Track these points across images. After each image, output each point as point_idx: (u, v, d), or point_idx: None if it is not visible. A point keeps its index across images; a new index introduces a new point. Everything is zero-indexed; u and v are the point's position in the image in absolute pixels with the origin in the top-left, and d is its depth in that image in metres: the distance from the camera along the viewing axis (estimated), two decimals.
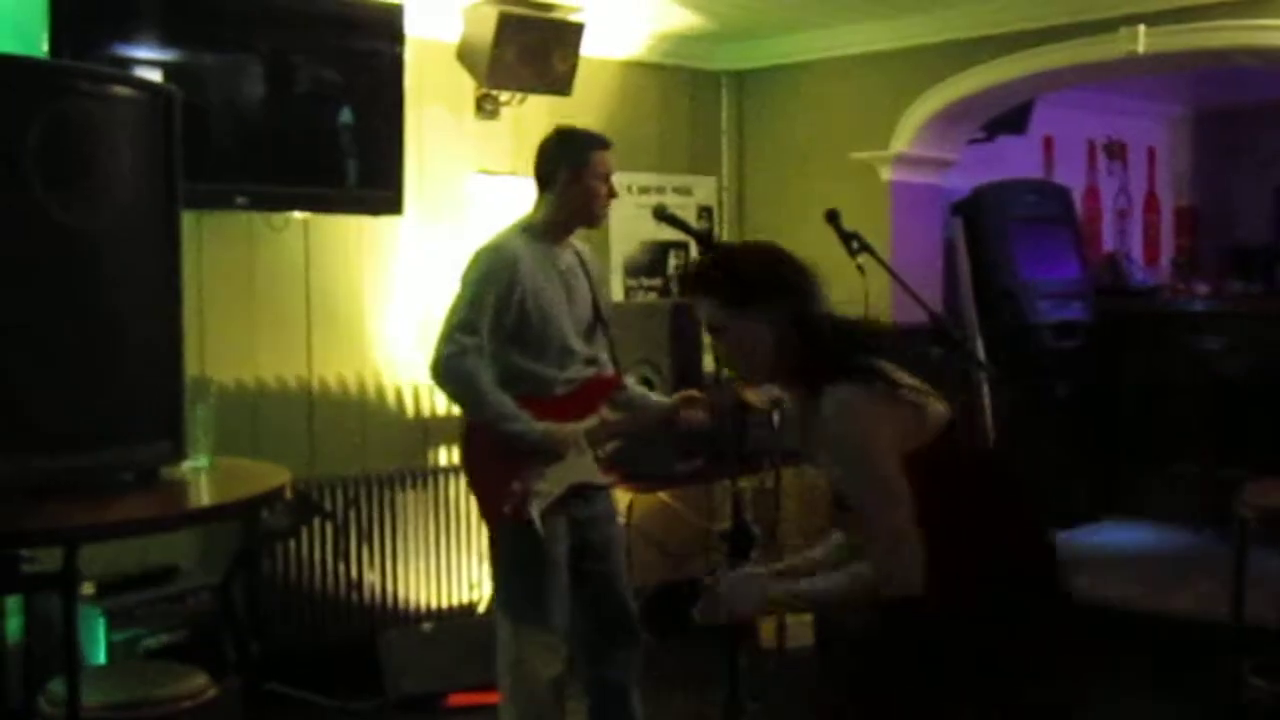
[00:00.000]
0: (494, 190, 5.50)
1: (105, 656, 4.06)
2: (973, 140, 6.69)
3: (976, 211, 6.79)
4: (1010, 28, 5.68)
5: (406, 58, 5.01)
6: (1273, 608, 4.33)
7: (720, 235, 6.56)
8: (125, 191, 2.78)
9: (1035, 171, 7.96)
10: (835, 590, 2.46)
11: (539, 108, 5.62)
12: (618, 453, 3.89)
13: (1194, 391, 6.76)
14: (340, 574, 5.06)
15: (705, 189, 6.60)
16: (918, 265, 6.02)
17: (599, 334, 3.84)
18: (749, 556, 3.26)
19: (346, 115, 4.90)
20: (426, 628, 5.11)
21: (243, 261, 4.94)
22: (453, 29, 5.42)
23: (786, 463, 4.50)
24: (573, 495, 3.70)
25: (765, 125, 6.61)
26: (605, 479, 3.84)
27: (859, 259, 4.11)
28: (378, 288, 5.31)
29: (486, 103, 5.61)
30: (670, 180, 6.39)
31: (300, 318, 5.11)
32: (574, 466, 3.70)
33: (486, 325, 3.60)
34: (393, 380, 5.35)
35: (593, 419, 3.76)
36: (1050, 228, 7.27)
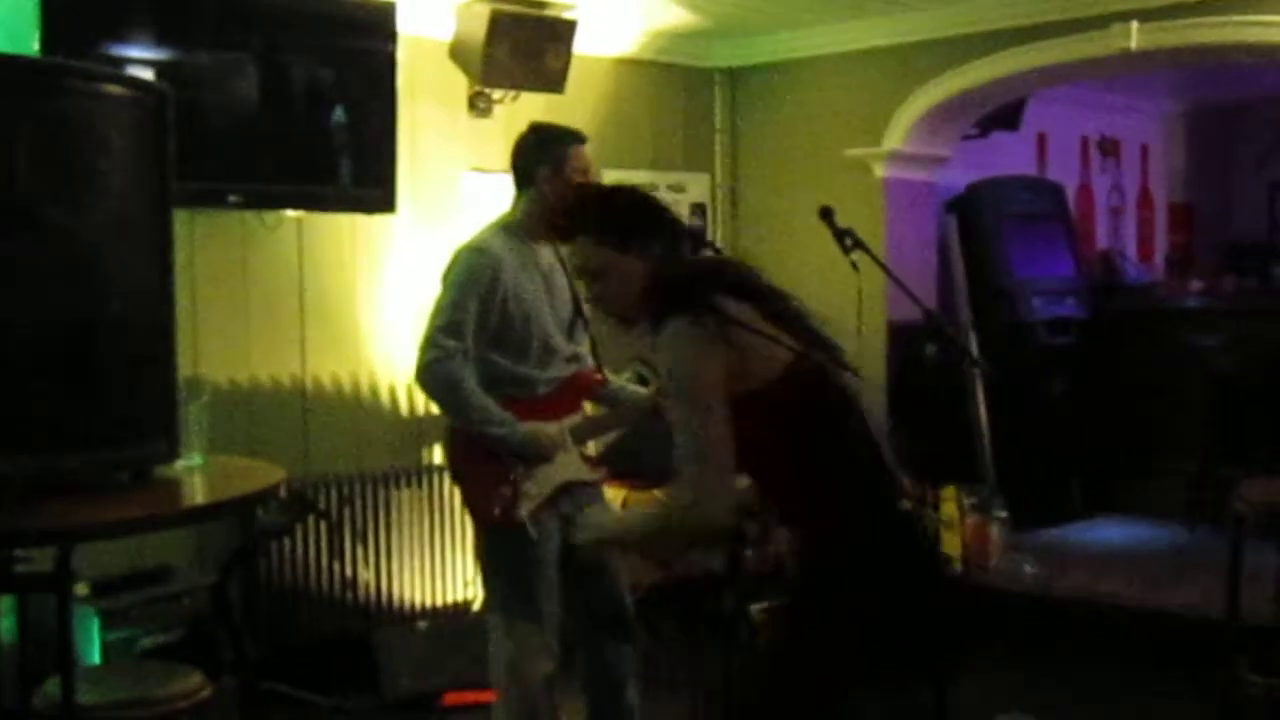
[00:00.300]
0: (487, 188, 5.49)
1: (100, 656, 4.06)
2: (966, 137, 6.69)
3: (970, 208, 6.79)
4: (1004, 24, 5.69)
5: (399, 56, 5.01)
6: (1268, 604, 4.33)
7: (714, 232, 6.57)
8: (118, 190, 2.77)
9: (1029, 168, 7.95)
10: (648, 518, 2.56)
11: (532, 105, 5.61)
12: (616, 447, 3.88)
13: (1188, 388, 6.76)
14: (335, 573, 5.05)
15: (699, 186, 6.60)
16: (912, 262, 6.04)
17: (580, 330, 3.84)
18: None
19: (339, 114, 4.90)
20: (422, 626, 5.11)
21: (236, 260, 4.94)
22: (445, 27, 5.42)
23: None
24: (562, 493, 3.70)
25: (759, 122, 6.61)
26: (593, 475, 3.83)
27: (853, 256, 4.11)
28: (371, 286, 5.30)
29: (480, 101, 5.60)
30: (664, 178, 6.38)
31: (294, 316, 5.11)
32: (561, 465, 3.69)
33: (470, 328, 3.60)
34: (387, 378, 5.35)
35: (577, 416, 3.77)
36: (1044, 225, 7.27)
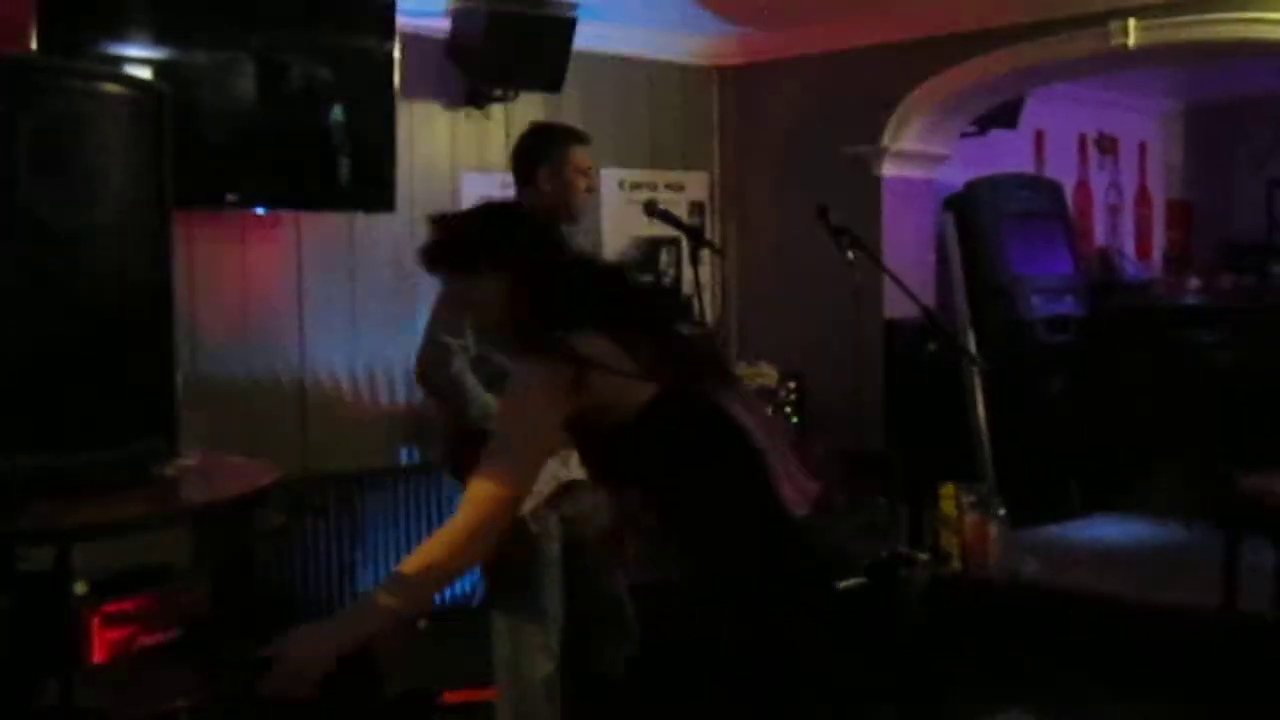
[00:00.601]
0: (486, 187, 5.48)
1: (99, 656, 4.06)
2: (965, 135, 6.69)
3: (968, 206, 6.79)
4: (1001, 22, 5.68)
5: (397, 54, 5.00)
6: (1266, 600, 4.34)
7: (712, 231, 6.57)
8: (116, 190, 2.77)
9: (1026, 166, 7.95)
10: (423, 550, 2.45)
11: (530, 104, 5.62)
12: None
13: (1186, 386, 6.75)
14: (334, 571, 5.05)
15: (697, 185, 6.60)
16: (910, 260, 6.04)
17: None
18: None
19: (337, 112, 4.89)
20: (421, 625, 5.10)
21: (234, 259, 4.93)
22: (443, 25, 5.41)
23: None
24: (563, 492, 3.70)
25: (757, 121, 6.60)
26: None
27: (850, 254, 4.12)
28: (369, 285, 5.30)
29: (478, 99, 5.60)
30: (662, 176, 6.38)
31: (292, 315, 5.11)
32: (562, 464, 3.69)
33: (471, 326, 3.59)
34: (386, 377, 5.35)
35: None
36: (1042, 222, 7.26)
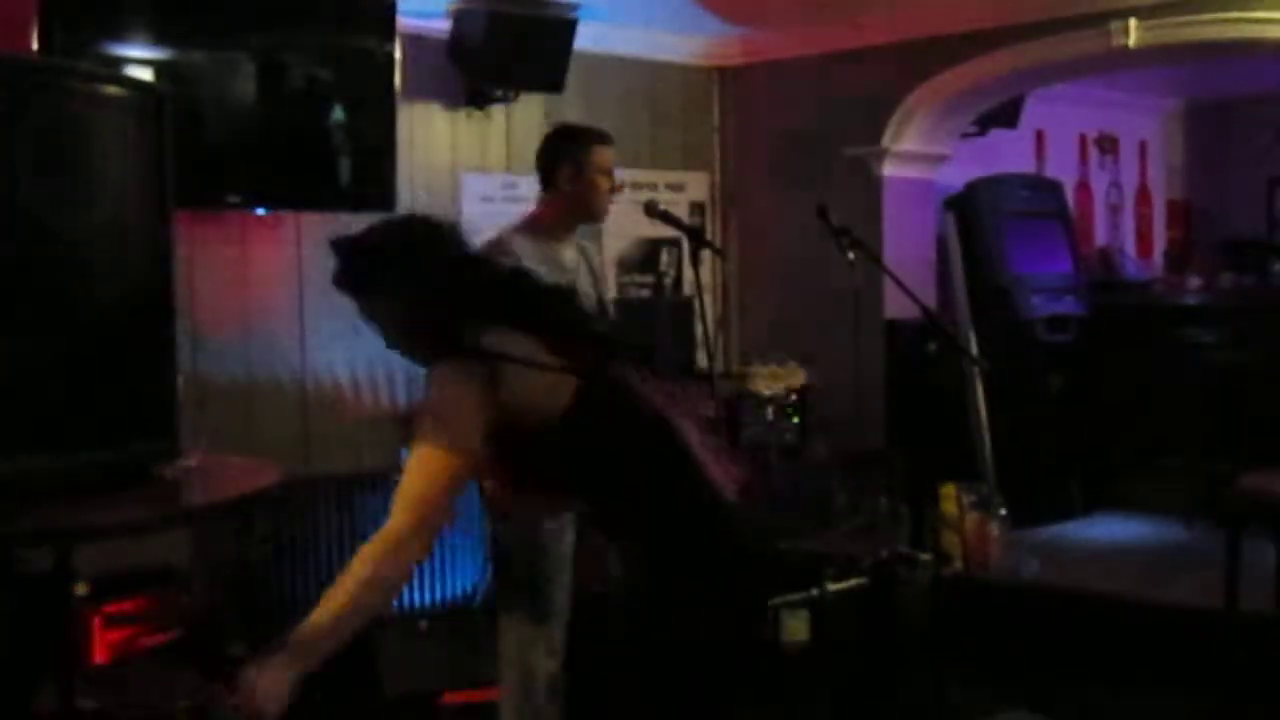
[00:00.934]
0: (486, 187, 5.49)
1: (99, 657, 4.05)
2: (965, 135, 6.69)
3: (969, 206, 6.79)
4: (1001, 22, 5.68)
5: (398, 54, 5.00)
6: (1266, 600, 4.34)
7: (712, 231, 6.57)
8: (117, 190, 2.78)
9: (1027, 166, 7.95)
10: (343, 585, 2.44)
11: (531, 104, 5.62)
12: None
13: (1187, 385, 6.75)
14: (334, 571, 5.04)
15: (698, 185, 6.60)
16: (911, 260, 6.04)
17: None
18: None
19: (338, 113, 4.89)
20: (423, 625, 5.10)
21: (234, 259, 4.93)
22: (444, 25, 5.41)
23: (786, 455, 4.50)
24: None
25: (757, 121, 6.61)
26: None
27: (851, 254, 4.12)
28: None
29: (478, 99, 5.60)
30: (663, 176, 6.38)
31: (292, 315, 5.11)
32: None
33: None
34: (387, 376, 5.35)
35: None
36: (1043, 222, 7.26)
